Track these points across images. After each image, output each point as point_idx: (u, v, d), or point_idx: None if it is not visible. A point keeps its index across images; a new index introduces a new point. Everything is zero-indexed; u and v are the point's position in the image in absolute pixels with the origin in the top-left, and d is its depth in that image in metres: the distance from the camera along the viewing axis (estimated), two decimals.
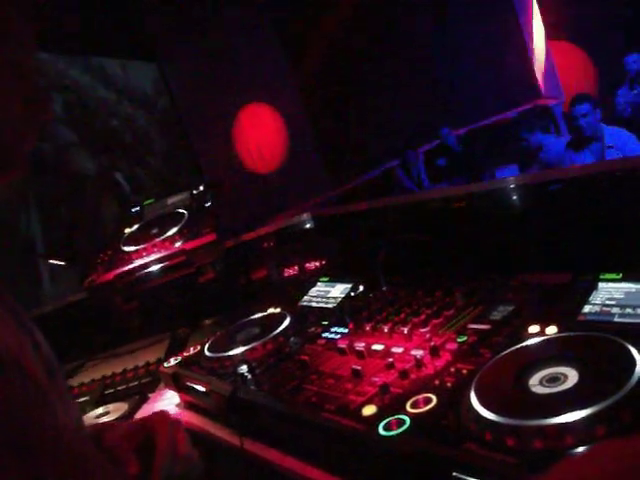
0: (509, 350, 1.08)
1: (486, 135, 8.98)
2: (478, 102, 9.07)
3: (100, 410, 1.89)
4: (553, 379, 0.93)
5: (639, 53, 6.05)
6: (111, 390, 2.05)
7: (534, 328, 1.14)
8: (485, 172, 7.73)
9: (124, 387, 2.05)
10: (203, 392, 1.61)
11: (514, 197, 1.73)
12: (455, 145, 8.63)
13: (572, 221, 1.55)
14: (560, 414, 0.82)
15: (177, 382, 1.75)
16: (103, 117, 7.13)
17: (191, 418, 1.68)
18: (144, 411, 1.85)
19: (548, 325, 1.12)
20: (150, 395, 1.94)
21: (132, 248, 2.25)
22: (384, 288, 1.77)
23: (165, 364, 1.82)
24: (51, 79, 6.33)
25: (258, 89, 8.02)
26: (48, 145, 6.15)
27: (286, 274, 2.44)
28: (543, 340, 1.07)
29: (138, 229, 2.42)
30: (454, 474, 0.85)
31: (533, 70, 8.93)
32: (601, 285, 1.21)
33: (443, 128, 8.65)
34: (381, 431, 1.01)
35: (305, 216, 2.68)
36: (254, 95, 8.01)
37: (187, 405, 1.76)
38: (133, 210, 2.59)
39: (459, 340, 1.24)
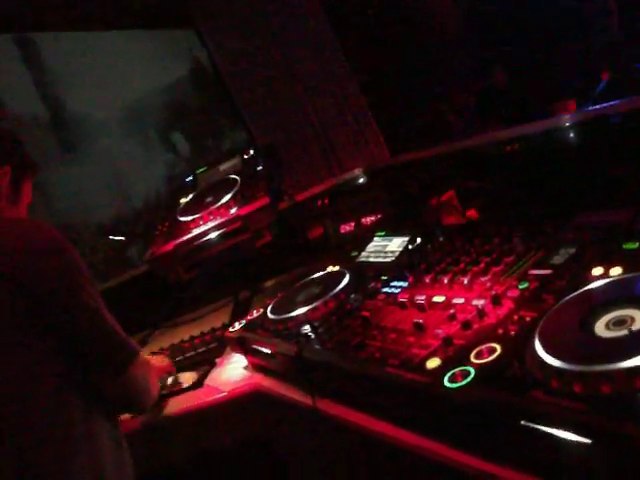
0: (573, 295, 1.06)
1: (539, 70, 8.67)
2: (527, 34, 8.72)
3: (170, 380, 1.95)
4: (619, 322, 0.91)
5: None
6: (180, 357, 2.11)
7: (598, 270, 1.11)
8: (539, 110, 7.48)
9: (192, 353, 2.11)
10: (269, 354, 1.64)
11: (568, 135, 1.68)
12: (506, 84, 8.37)
13: (632, 155, 1.49)
14: (628, 357, 0.80)
15: (243, 346, 1.78)
16: None
17: (260, 380, 1.72)
18: (213, 376, 1.90)
19: (612, 266, 1.09)
20: (217, 360, 1.99)
21: (189, 218, 2.28)
22: (441, 239, 1.75)
23: (230, 329, 1.86)
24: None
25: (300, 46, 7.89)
26: None
27: (343, 231, 2.44)
28: (607, 282, 1.04)
29: (193, 198, 2.45)
30: (522, 423, 0.85)
31: None
32: None
33: (495, 67, 8.39)
34: (446, 383, 1.01)
35: (357, 171, 2.66)
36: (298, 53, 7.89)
37: (255, 367, 1.80)
38: (187, 180, 2.62)
39: (521, 287, 1.22)
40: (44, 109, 5.41)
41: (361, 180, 2.62)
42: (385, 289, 1.59)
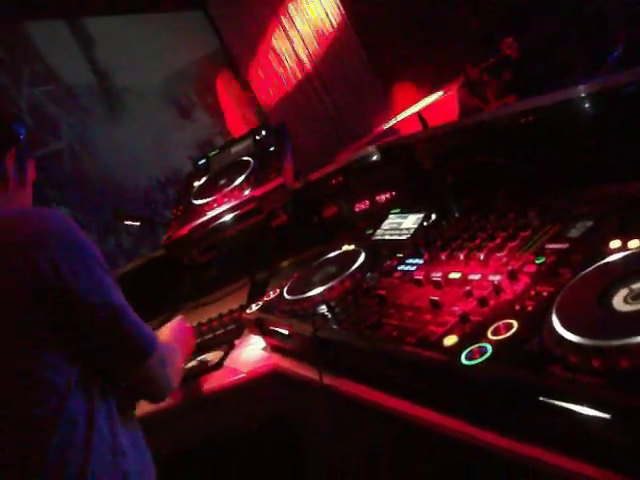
0: (590, 269, 1.04)
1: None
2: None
3: (193, 362, 1.96)
4: (638, 295, 0.90)
5: None
6: (199, 339, 2.12)
7: (615, 243, 1.10)
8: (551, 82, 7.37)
9: (211, 335, 2.13)
10: (286, 335, 1.64)
11: (583, 105, 1.65)
12: (519, 55, 8.25)
13: None
14: None
15: (260, 327, 1.79)
16: None
17: (279, 360, 1.73)
18: (232, 357, 1.91)
19: (630, 239, 1.07)
20: (236, 342, 2.00)
21: (203, 201, 2.28)
22: (456, 214, 1.74)
23: (247, 310, 1.87)
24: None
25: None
26: None
27: (357, 209, 2.43)
28: (625, 255, 1.03)
29: (206, 181, 2.45)
30: (540, 399, 0.85)
31: None
32: None
33: (505, 38, 8.27)
34: (464, 360, 1.01)
35: (370, 148, 2.63)
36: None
37: (273, 348, 1.80)
38: (199, 163, 2.62)
39: (537, 262, 1.21)
40: (95, 80, 6.25)
41: (374, 157, 2.60)
42: (401, 267, 1.59)
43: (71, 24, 6.14)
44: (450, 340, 1.09)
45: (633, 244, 1.06)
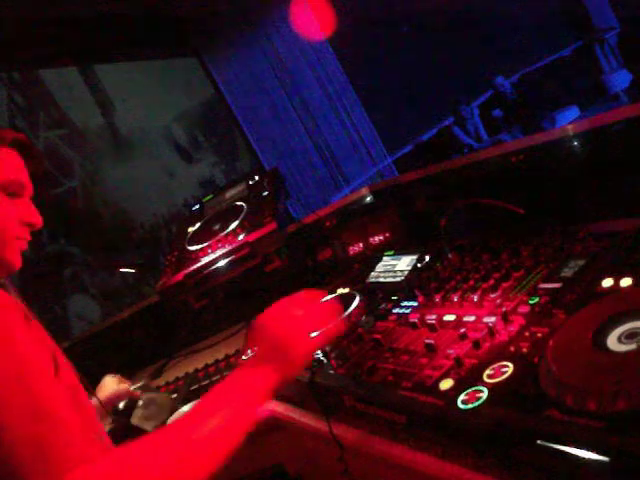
0: (583, 309, 1.04)
1: (541, 79, 8.71)
2: (529, 45, 8.77)
3: (187, 407, 1.94)
4: (632, 334, 0.89)
5: None
6: (196, 386, 2.10)
7: (608, 282, 1.10)
8: (544, 118, 7.49)
9: (207, 382, 2.10)
10: None
11: (572, 144, 1.67)
12: (510, 93, 8.39)
13: (637, 163, 1.48)
14: None
15: None
16: None
17: (275, 406, 1.71)
18: None
19: (622, 277, 1.08)
20: None
21: (197, 246, 2.28)
22: (450, 255, 1.75)
23: (243, 356, 1.85)
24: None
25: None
26: None
27: (351, 252, 2.44)
28: (618, 294, 1.03)
29: (201, 227, 2.45)
30: (538, 442, 0.84)
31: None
32: None
33: (497, 77, 8.41)
34: (460, 405, 1.00)
35: (363, 191, 2.66)
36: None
37: None
38: (194, 208, 2.63)
39: (531, 302, 1.22)
40: (104, 123, 6.66)
41: (368, 199, 2.62)
42: (396, 309, 1.59)
43: (81, 71, 6.50)
44: (446, 384, 1.08)
45: (625, 282, 1.06)
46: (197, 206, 2.63)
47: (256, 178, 2.50)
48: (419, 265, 1.82)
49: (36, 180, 1.30)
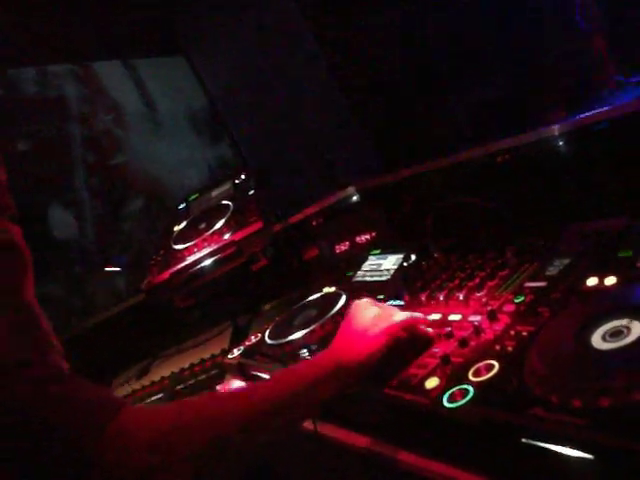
0: (568, 308, 1.05)
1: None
2: None
3: None
4: (616, 333, 0.90)
5: None
6: (181, 386, 2.09)
7: (592, 280, 1.11)
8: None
9: (193, 381, 2.10)
10: None
11: (557, 144, 1.68)
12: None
13: (621, 163, 1.49)
14: (625, 369, 0.79)
15: (242, 372, 1.77)
16: None
17: None
18: None
19: (606, 276, 1.09)
20: (218, 387, 1.97)
21: (183, 245, 2.27)
22: (436, 255, 1.75)
23: (229, 355, 1.85)
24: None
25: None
26: None
27: (338, 251, 2.43)
28: (602, 292, 1.04)
29: (186, 226, 2.44)
30: (523, 440, 0.84)
31: None
32: None
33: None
34: (445, 403, 1.00)
35: (350, 190, 2.65)
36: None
37: None
38: (179, 207, 2.62)
39: (516, 301, 1.22)
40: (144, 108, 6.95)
41: (354, 198, 2.62)
42: None
43: (125, 64, 6.82)
44: (432, 383, 1.08)
45: (609, 281, 1.07)
46: (183, 205, 2.62)
47: (242, 177, 2.50)
48: (405, 264, 1.82)
49: None
